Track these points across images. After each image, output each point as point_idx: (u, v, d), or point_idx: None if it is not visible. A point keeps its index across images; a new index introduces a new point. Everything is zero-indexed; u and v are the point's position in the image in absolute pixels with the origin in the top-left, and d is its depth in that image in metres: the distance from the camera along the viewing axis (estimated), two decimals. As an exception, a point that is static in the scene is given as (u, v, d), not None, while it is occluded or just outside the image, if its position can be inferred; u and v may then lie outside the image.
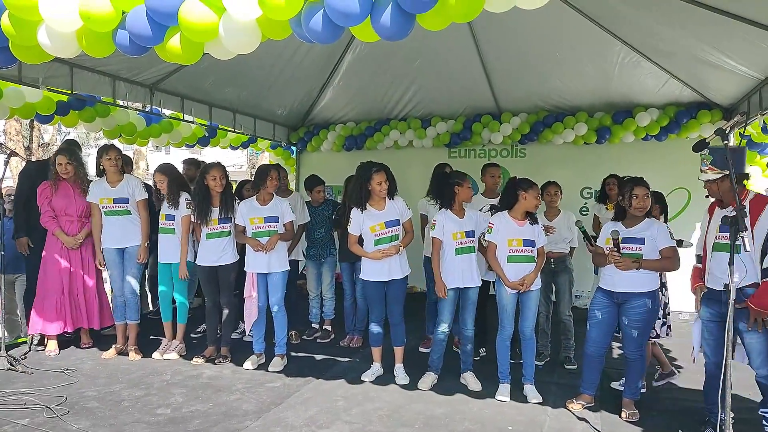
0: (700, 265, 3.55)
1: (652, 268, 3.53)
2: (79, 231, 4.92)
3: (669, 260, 3.54)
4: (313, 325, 5.66)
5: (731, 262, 2.76)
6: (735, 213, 2.76)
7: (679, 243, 6.44)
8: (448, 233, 4.08)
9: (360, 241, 4.27)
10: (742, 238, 2.68)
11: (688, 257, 6.73)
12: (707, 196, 3.53)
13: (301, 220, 5.53)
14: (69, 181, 4.90)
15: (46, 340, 4.89)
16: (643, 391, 3.85)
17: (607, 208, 5.14)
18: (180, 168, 6.42)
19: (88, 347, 4.98)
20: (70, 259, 4.88)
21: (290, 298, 5.32)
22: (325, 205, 5.49)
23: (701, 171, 3.36)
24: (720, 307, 3.20)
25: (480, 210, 4.80)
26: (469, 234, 4.11)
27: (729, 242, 3.00)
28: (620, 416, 3.59)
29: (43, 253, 4.85)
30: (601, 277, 3.76)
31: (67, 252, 4.86)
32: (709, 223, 3.45)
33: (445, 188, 4.21)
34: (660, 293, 3.68)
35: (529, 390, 3.89)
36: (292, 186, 8.20)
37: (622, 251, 3.55)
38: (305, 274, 7.98)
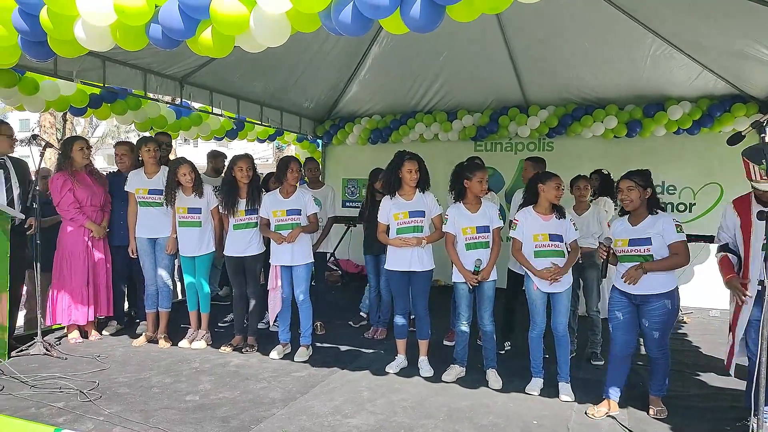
0: (726, 254, 3.42)
1: (660, 268, 3.38)
2: (102, 220, 5.03)
3: (676, 257, 3.37)
4: (362, 313, 5.72)
5: (766, 258, 2.69)
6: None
7: (710, 239, 6.38)
8: (458, 228, 4.07)
9: (388, 231, 4.30)
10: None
11: (714, 253, 6.59)
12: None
13: (331, 213, 5.58)
14: (84, 171, 4.96)
15: (67, 328, 4.98)
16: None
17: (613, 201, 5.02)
18: (205, 161, 6.56)
19: (99, 339, 5.04)
20: (92, 249, 4.96)
21: (317, 290, 5.38)
22: None
23: (753, 179, 3.19)
24: None
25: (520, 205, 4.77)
26: (481, 229, 4.05)
27: None
28: (648, 413, 3.54)
29: (65, 245, 4.86)
30: (615, 276, 3.62)
31: (88, 243, 4.92)
32: (741, 221, 3.30)
33: (456, 182, 4.18)
34: (678, 291, 3.53)
35: (564, 388, 3.84)
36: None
37: (630, 254, 3.46)
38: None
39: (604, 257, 3.57)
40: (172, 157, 6.21)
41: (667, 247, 3.39)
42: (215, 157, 6.62)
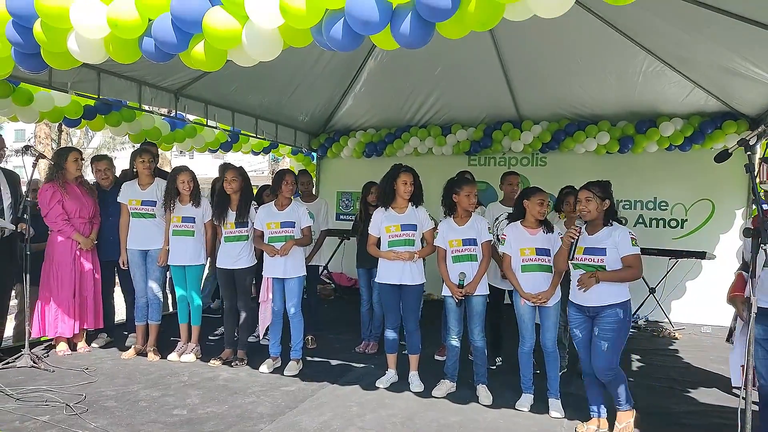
0: (742, 272, 3.34)
1: (612, 279, 3.35)
2: (91, 232, 5.00)
3: (630, 270, 3.34)
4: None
5: (753, 275, 2.70)
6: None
7: (702, 255, 6.42)
8: (446, 241, 4.10)
9: (378, 244, 4.31)
10: (765, 250, 2.62)
11: (712, 268, 6.61)
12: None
13: (324, 226, 5.57)
14: (75, 183, 4.94)
15: (55, 340, 4.93)
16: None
17: (559, 217, 5.03)
18: (201, 172, 6.55)
19: (87, 351, 5.00)
20: (80, 262, 4.91)
21: (309, 303, 5.36)
22: None
23: (763, 180, 3.17)
24: None
25: (497, 218, 4.78)
26: (467, 242, 4.06)
27: None
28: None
29: (53, 257, 4.81)
30: (571, 291, 3.57)
31: (76, 254, 4.87)
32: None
33: (446, 196, 4.20)
34: (630, 304, 3.45)
35: (554, 404, 3.81)
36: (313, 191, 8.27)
37: (584, 262, 3.43)
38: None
39: (575, 239, 3.50)
40: (167, 168, 6.21)
41: (621, 259, 3.36)
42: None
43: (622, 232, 3.40)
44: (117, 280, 5.47)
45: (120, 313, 5.65)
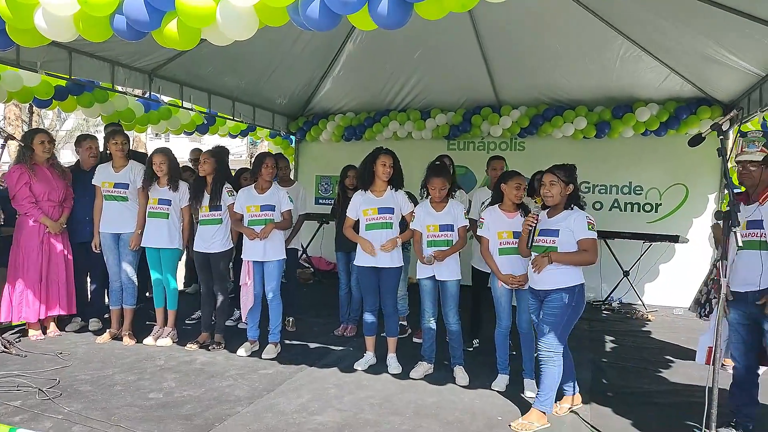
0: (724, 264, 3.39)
1: (565, 261, 3.32)
2: (60, 216, 4.89)
3: (585, 254, 3.30)
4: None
5: (724, 257, 2.76)
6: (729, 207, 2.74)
7: (675, 239, 6.54)
8: (423, 225, 4.12)
9: (357, 227, 4.30)
10: (735, 233, 2.67)
11: (684, 252, 6.76)
12: (740, 185, 3.28)
13: (302, 210, 5.55)
14: (45, 165, 4.83)
15: (27, 324, 4.84)
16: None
17: (535, 201, 5.09)
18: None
19: (57, 335, 4.93)
20: (49, 245, 4.81)
21: (289, 287, 5.34)
22: None
23: (742, 152, 3.16)
24: (747, 307, 3.09)
25: (483, 203, 4.80)
26: (444, 228, 4.08)
27: (758, 239, 2.91)
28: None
29: (19, 240, 4.73)
30: (529, 273, 3.56)
31: (45, 238, 4.78)
32: None
33: (424, 183, 4.22)
34: (583, 290, 3.39)
35: (529, 384, 3.87)
36: (291, 175, 8.20)
37: (538, 244, 3.44)
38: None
39: (532, 227, 3.50)
40: (143, 150, 6.09)
41: (577, 243, 3.34)
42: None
43: (578, 216, 3.37)
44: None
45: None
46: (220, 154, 4.85)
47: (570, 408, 3.57)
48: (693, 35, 4.84)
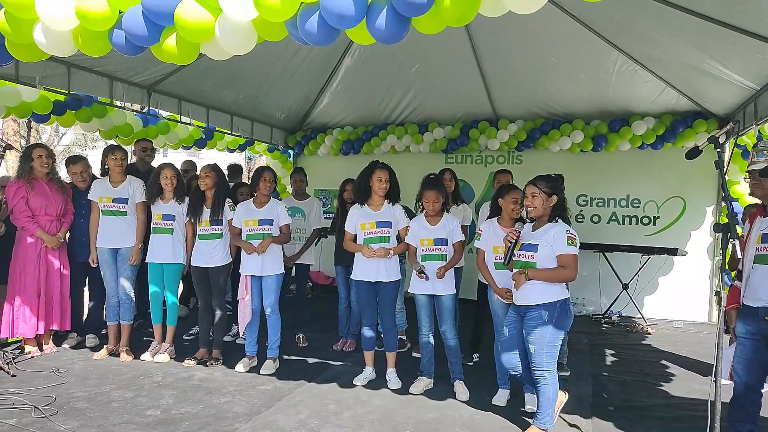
0: (740, 284, 3.21)
1: (542, 278, 3.26)
2: (59, 230, 4.87)
3: (563, 270, 3.23)
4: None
5: (722, 269, 2.76)
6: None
7: (673, 251, 6.54)
8: (418, 239, 4.10)
9: (355, 241, 4.29)
10: (734, 245, 2.66)
11: (683, 265, 6.75)
12: (750, 196, 3.24)
13: (317, 224, 5.55)
14: (44, 180, 4.83)
15: (24, 341, 4.81)
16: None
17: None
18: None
19: (54, 351, 4.89)
20: (46, 260, 4.79)
21: (299, 301, 5.39)
22: None
23: (752, 162, 3.12)
24: (758, 323, 2.99)
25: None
26: (438, 242, 4.06)
27: None
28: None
29: (19, 254, 4.71)
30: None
31: (42, 252, 4.76)
32: (749, 233, 3.15)
33: (418, 197, 4.20)
34: (567, 305, 3.33)
35: (529, 399, 3.83)
36: (289, 189, 8.20)
37: (518, 258, 3.39)
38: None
39: (512, 243, 3.44)
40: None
41: (556, 258, 3.26)
42: (234, 171, 6.77)
43: (559, 230, 3.28)
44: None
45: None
46: (219, 168, 4.84)
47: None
48: (686, 49, 4.88)
